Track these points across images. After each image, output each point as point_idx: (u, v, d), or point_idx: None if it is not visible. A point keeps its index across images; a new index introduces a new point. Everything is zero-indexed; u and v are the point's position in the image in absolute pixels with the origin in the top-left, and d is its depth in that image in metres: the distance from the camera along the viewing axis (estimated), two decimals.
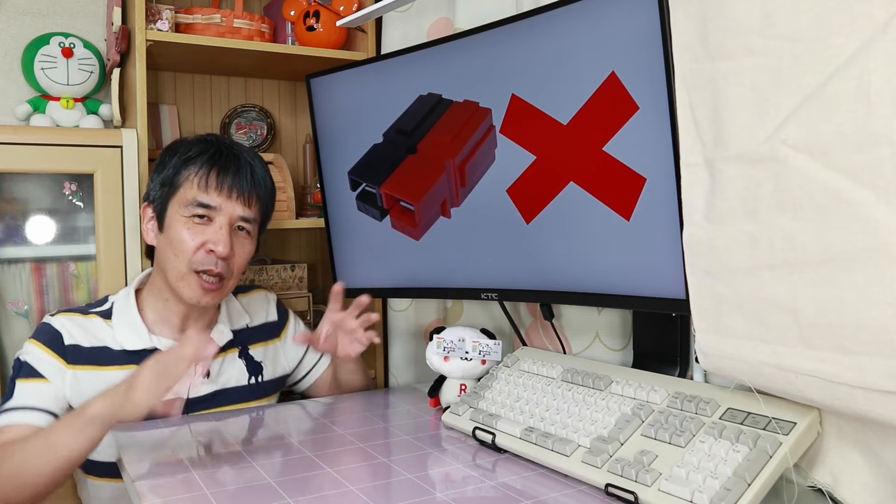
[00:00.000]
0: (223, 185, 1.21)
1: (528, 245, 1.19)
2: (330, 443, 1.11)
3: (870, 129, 0.68)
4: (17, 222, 1.48)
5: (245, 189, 1.23)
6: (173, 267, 1.21)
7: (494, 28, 1.17)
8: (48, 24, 1.69)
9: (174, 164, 1.24)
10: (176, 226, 1.21)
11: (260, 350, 1.36)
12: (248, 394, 1.32)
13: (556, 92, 1.10)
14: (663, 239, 0.99)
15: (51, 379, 1.15)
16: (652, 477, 0.83)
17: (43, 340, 1.18)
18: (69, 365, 1.17)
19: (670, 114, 0.95)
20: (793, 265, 0.76)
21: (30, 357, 1.17)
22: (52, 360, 1.16)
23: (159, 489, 0.91)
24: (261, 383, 1.34)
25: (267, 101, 1.95)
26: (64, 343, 1.18)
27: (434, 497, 0.89)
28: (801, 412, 0.83)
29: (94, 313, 1.24)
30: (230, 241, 1.21)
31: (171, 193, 1.23)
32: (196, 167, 1.22)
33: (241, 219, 1.24)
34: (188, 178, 1.22)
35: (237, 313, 1.37)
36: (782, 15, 0.75)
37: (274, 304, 1.45)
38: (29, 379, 1.15)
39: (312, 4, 1.66)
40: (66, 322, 1.20)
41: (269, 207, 1.33)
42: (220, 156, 1.23)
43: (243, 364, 1.33)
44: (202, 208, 1.20)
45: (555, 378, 1.12)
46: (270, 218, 1.35)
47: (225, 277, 1.22)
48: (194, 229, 1.20)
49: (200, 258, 1.20)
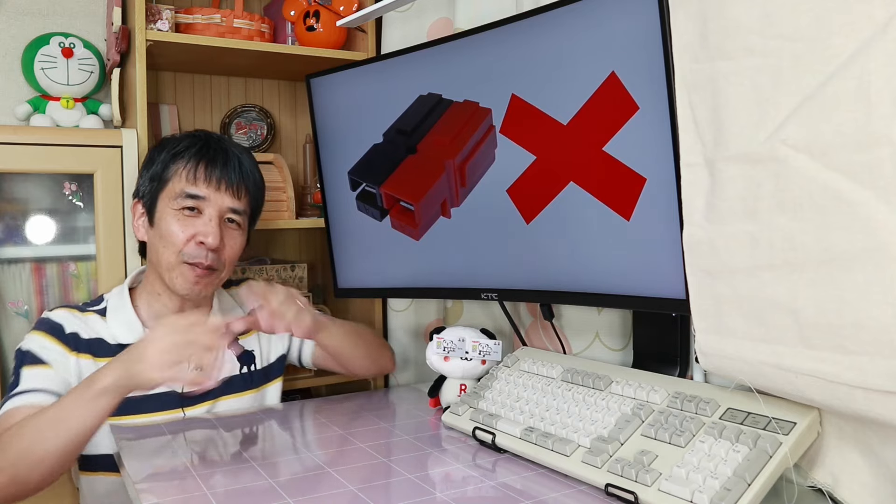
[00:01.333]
0: (211, 177, 1.22)
1: (528, 245, 1.19)
2: (330, 443, 1.11)
3: (870, 129, 0.68)
4: (17, 222, 1.48)
5: (234, 181, 1.24)
6: (164, 259, 1.21)
7: (494, 28, 1.17)
8: (48, 24, 1.69)
9: (162, 159, 1.24)
10: (166, 219, 1.21)
11: (251, 339, 1.36)
12: (242, 384, 1.32)
13: (556, 92, 1.10)
14: (663, 239, 0.99)
15: (55, 366, 1.15)
16: (652, 477, 0.83)
17: (45, 330, 1.19)
18: (72, 351, 1.18)
19: (670, 114, 0.95)
20: (793, 265, 0.76)
21: (33, 345, 1.16)
22: (55, 347, 1.17)
23: (160, 490, 0.91)
24: (254, 372, 1.34)
25: (267, 101, 1.95)
26: (65, 332, 1.19)
27: (434, 497, 0.89)
28: (801, 412, 0.83)
29: (90, 311, 1.25)
30: (220, 233, 1.22)
31: (160, 188, 1.23)
32: (184, 161, 1.23)
33: (230, 210, 1.24)
34: (177, 172, 1.22)
35: (229, 307, 1.37)
36: (782, 15, 0.75)
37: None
38: (34, 366, 1.14)
39: (312, 4, 1.66)
40: (65, 314, 1.22)
41: (259, 201, 1.33)
42: (209, 149, 1.24)
43: (234, 354, 1.33)
44: (191, 200, 1.21)
45: (555, 378, 1.11)
46: (260, 212, 1.35)
47: (216, 269, 1.23)
48: (184, 222, 1.21)
49: (191, 250, 1.20)
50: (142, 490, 0.91)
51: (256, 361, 1.35)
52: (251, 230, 1.33)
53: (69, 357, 1.17)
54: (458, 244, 1.30)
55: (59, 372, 1.15)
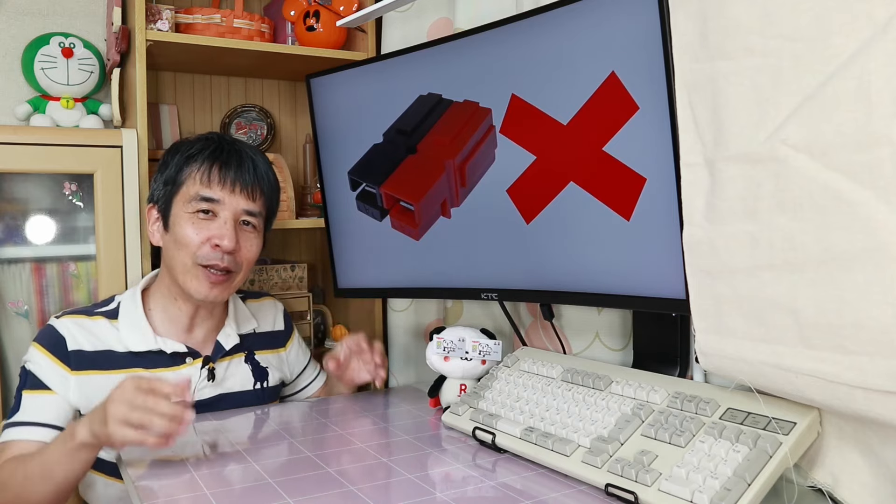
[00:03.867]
0: (226, 180, 1.21)
1: (528, 245, 1.19)
2: (330, 443, 1.11)
3: (870, 129, 0.68)
4: (17, 222, 1.48)
5: (248, 182, 1.23)
6: (179, 262, 1.20)
7: (494, 28, 1.17)
8: (48, 24, 1.69)
9: (176, 162, 1.23)
10: (181, 223, 1.20)
11: (265, 357, 1.36)
12: (253, 398, 1.32)
13: (556, 92, 1.10)
14: (663, 239, 0.99)
15: (56, 390, 1.16)
16: (652, 477, 0.83)
17: (46, 345, 1.18)
18: (73, 371, 1.17)
19: (670, 114, 0.95)
20: (793, 265, 0.76)
21: (34, 366, 1.17)
22: (55, 368, 1.16)
23: (160, 489, 0.91)
24: (265, 388, 1.34)
25: (267, 101, 1.95)
26: (67, 349, 1.17)
27: (434, 497, 0.89)
28: (801, 412, 0.83)
29: (99, 314, 1.23)
30: (235, 235, 1.21)
31: (174, 191, 1.22)
32: (198, 163, 1.22)
33: (245, 212, 1.23)
34: (191, 175, 1.21)
35: (245, 317, 1.36)
36: (782, 15, 0.75)
37: (281, 313, 1.45)
38: (35, 391, 1.15)
39: (312, 4, 1.66)
40: (71, 325, 1.20)
41: (274, 203, 1.32)
42: (222, 151, 1.23)
43: (249, 369, 1.33)
44: (206, 202, 1.20)
45: (555, 378, 1.12)
46: (276, 214, 1.34)
47: (232, 271, 1.22)
48: (199, 225, 1.20)
49: (206, 253, 1.19)
50: (142, 489, 0.91)
51: (269, 378, 1.35)
52: (267, 232, 1.32)
53: (69, 378, 1.16)
54: (458, 244, 1.30)
55: (59, 395, 1.16)
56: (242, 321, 1.35)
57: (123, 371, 1.19)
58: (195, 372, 1.24)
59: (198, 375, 1.24)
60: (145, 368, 1.21)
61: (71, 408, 1.16)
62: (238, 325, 1.33)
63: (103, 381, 1.17)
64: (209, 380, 1.25)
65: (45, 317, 1.46)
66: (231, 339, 1.30)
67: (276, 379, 1.37)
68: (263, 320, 1.40)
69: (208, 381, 1.25)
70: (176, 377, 1.21)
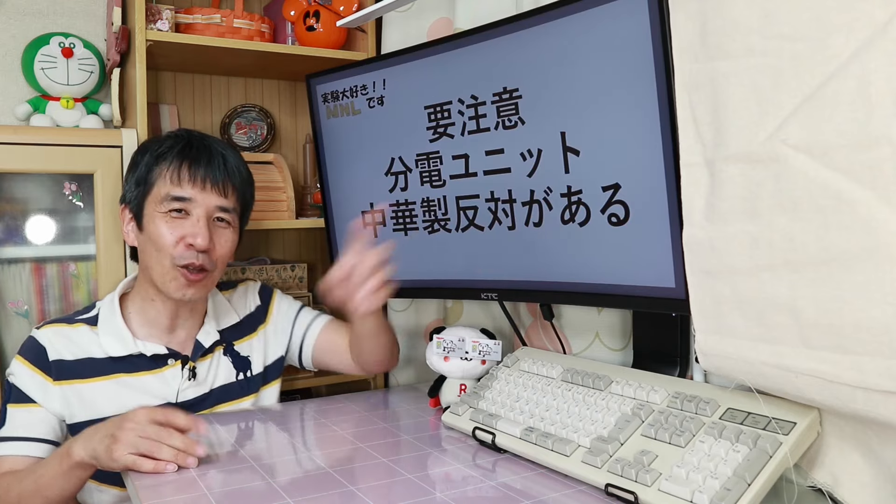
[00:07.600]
0: (196, 177, 1.20)
1: (528, 245, 1.19)
2: (330, 443, 1.11)
3: (870, 129, 0.68)
4: (17, 222, 1.48)
5: (219, 179, 1.22)
6: (156, 264, 1.19)
7: (494, 28, 1.17)
8: (48, 24, 1.69)
9: (146, 162, 1.22)
10: (154, 223, 1.19)
11: (245, 344, 1.35)
12: (238, 390, 1.31)
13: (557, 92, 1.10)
14: (663, 239, 0.99)
15: (39, 401, 1.16)
16: (652, 477, 0.83)
17: (27, 357, 1.18)
18: (55, 382, 1.17)
19: (670, 114, 0.95)
20: (793, 265, 0.76)
21: (16, 379, 1.17)
22: (36, 378, 1.17)
23: (160, 489, 0.91)
24: (250, 378, 1.33)
25: (267, 101, 1.95)
26: (48, 359, 1.18)
27: (434, 497, 0.89)
28: (801, 412, 0.83)
29: (80, 321, 1.23)
30: (209, 233, 1.20)
31: (146, 192, 1.21)
32: (167, 162, 1.21)
33: (218, 209, 1.22)
34: (161, 175, 1.20)
35: (224, 311, 1.35)
36: (782, 15, 0.75)
37: (256, 290, 1.42)
38: (18, 404, 1.16)
39: (312, 4, 1.66)
40: (52, 335, 1.20)
41: (248, 196, 1.31)
42: (191, 148, 1.22)
43: (229, 361, 1.32)
44: (177, 202, 1.19)
45: (555, 378, 1.11)
46: (251, 207, 1.33)
47: (208, 270, 1.21)
48: (172, 224, 1.19)
49: (181, 252, 1.18)
50: (142, 489, 0.91)
51: (252, 366, 1.34)
52: (243, 227, 1.31)
53: (51, 389, 1.17)
54: (459, 244, 1.30)
55: (43, 407, 1.16)
56: (223, 316, 1.34)
57: (105, 378, 1.19)
58: (177, 373, 1.24)
59: (180, 377, 1.24)
60: (127, 373, 1.21)
61: (56, 418, 1.17)
62: (218, 321, 1.32)
63: (85, 388, 1.18)
64: (191, 379, 1.25)
65: (45, 317, 1.46)
66: (211, 336, 1.29)
67: (262, 363, 1.35)
68: (241, 308, 1.38)
69: (190, 380, 1.25)
70: (157, 380, 1.22)
